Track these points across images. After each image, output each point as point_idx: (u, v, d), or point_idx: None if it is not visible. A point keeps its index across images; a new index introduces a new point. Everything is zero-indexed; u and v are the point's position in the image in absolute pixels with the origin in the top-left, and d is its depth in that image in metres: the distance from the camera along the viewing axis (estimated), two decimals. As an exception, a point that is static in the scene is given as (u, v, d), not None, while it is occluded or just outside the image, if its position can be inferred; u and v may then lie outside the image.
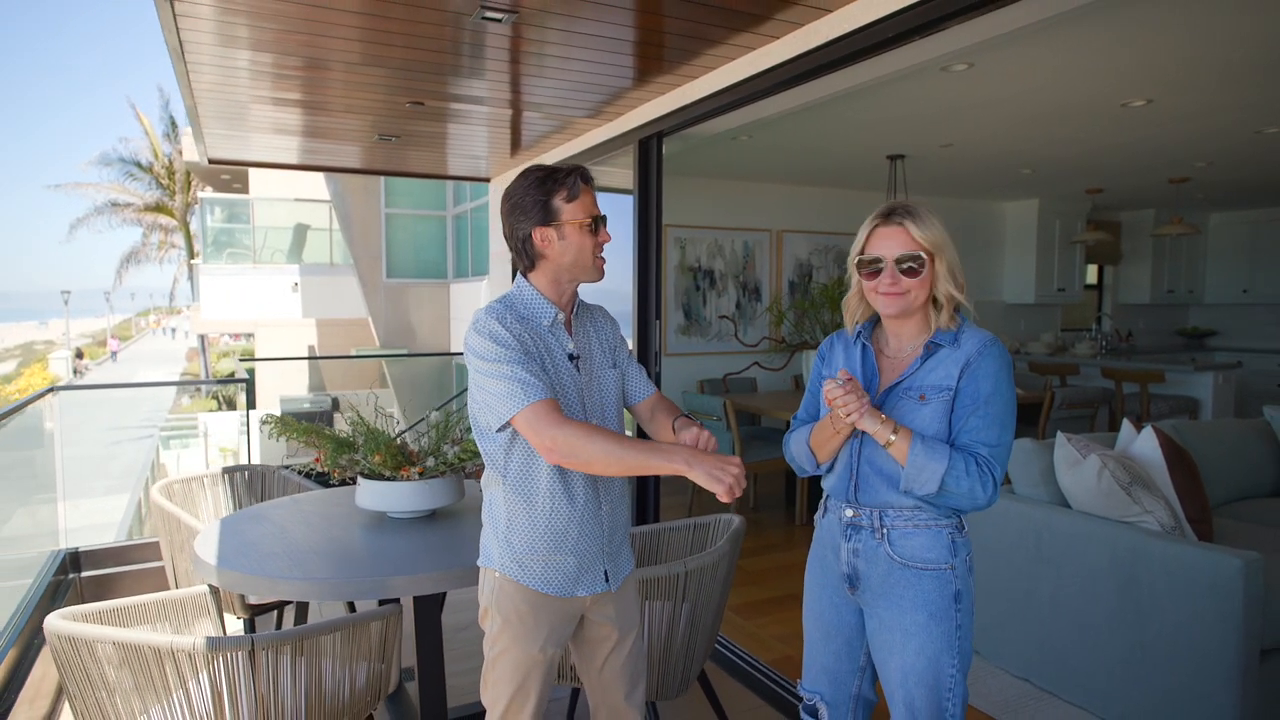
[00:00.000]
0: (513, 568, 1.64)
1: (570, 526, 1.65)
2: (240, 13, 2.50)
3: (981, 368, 1.57)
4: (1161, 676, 2.52)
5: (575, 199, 1.64)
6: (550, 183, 1.63)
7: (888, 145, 5.29)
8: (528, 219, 1.63)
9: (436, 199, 13.67)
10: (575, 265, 1.66)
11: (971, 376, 1.57)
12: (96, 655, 1.70)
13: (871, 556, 1.65)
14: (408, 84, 3.34)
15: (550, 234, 1.63)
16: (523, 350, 1.58)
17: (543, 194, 1.62)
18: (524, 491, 1.64)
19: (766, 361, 6.62)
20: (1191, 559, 2.47)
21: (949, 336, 1.62)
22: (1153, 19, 2.98)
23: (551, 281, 1.68)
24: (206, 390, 20.39)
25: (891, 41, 2.33)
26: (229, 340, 29.71)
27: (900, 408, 1.61)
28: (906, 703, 1.62)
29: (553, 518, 1.64)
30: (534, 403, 1.51)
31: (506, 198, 1.67)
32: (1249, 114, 4.37)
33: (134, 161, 22.90)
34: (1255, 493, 3.53)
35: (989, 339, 1.60)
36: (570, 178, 1.64)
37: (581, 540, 1.67)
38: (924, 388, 1.60)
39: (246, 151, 4.86)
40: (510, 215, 1.66)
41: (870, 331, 1.75)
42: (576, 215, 1.64)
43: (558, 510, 1.64)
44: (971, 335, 1.62)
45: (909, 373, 1.63)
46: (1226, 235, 8.93)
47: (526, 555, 1.64)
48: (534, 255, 1.65)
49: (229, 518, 2.54)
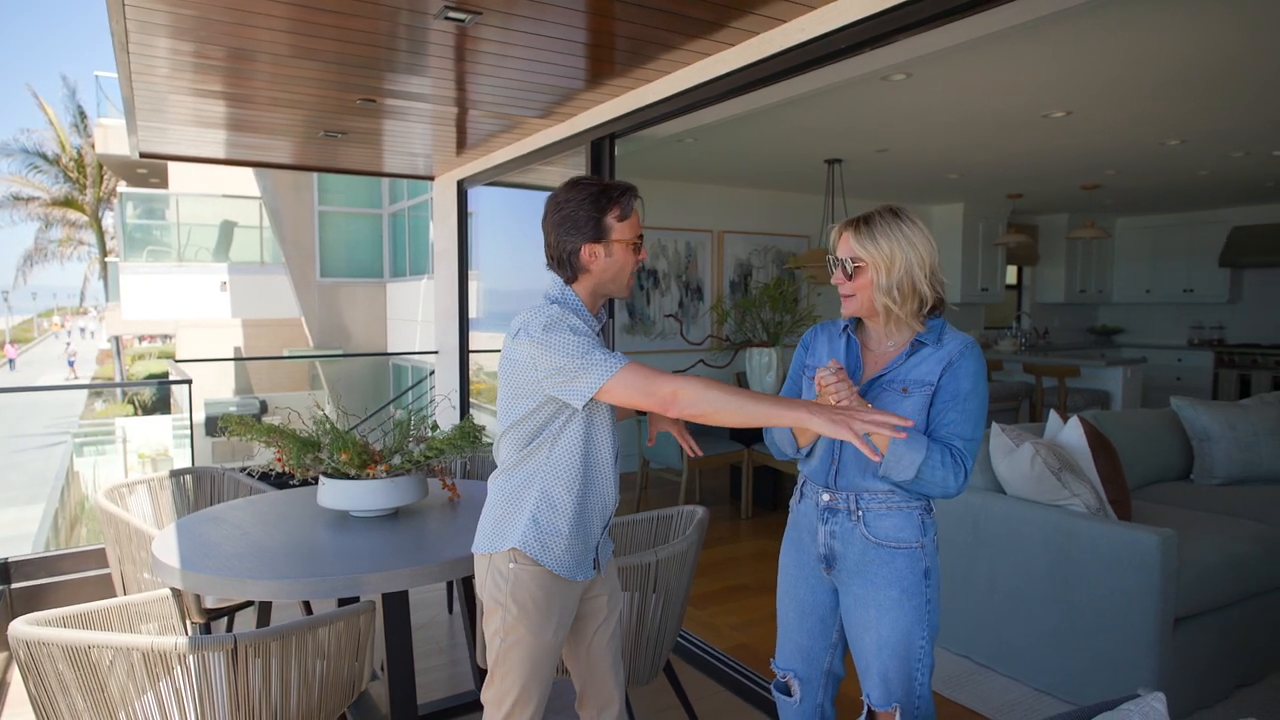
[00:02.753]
0: (535, 547, 1.67)
1: (594, 508, 1.71)
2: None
3: (963, 367, 1.70)
4: (1088, 646, 2.73)
5: (627, 218, 1.66)
6: (605, 200, 1.65)
7: (826, 150, 5.48)
8: (579, 234, 1.64)
9: (372, 196, 13.38)
10: (614, 281, 1.70)
11: (953, 374, 1.69)
12: (62, 660, 1.66)
13: (848, 537, 1.76)
14: (342, 78, 3.23)
15: (599, 250, 1.65)
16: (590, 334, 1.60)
17: (597, 211, 1.64)
18: (565, 472, 1.66)
19: (711, 359, 6.75)
20: (1115, 537, 2.68)
21: (932, 336, 1.74)
22: (1073, 38, 3.21)
23: (590, 294, 1.70)
24: (123, 394, 19.41)
25: (844, 52, 2.44)
26: (142, 343, 28.29)
27: (883, 399, 1.72)
28: (880, 673, 1.73)
29: (585, 498, 1.69)
30: (627, 365, 1.54)
31: (556, 208, 1.66)
32: (1155, 127, 4.71)
33: (38, 153, 21.60)
34: (1165, 476, 3.82)
35: (970, 341, 1.74)
36: (625, 196, 1.66)
37: (595, 523, 1.73)
38: (907, 381, 1.71)
39: (168, 144, 4.65)
40: (559, 227, 1.66)
41: (855, 325, 1.86)
42: (626, 235, 1.67)
43: (591, 491, 1.69)
44: (953, 337, 1.75)
45: (893, 366, 1.75)
46: (1132, 239, 9.54)
47: (552, 537, 1.68)
48: (578, 269, 1.67)
49: (184, 520, 2.49)
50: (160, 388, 13.50)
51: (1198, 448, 3.79)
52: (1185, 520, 3.08)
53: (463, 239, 5.52)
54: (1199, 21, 3.04)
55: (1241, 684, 2.90)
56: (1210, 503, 3.41)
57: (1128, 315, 9.94)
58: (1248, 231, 8.42)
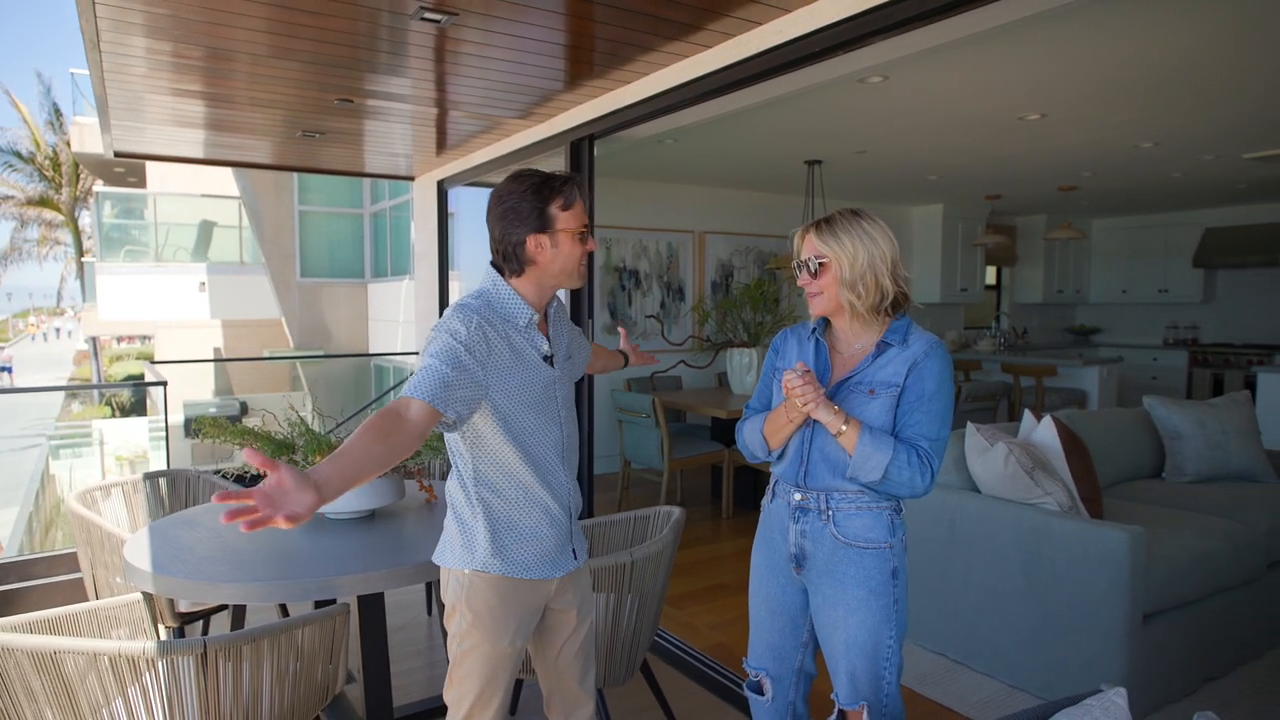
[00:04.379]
0: (493, 562, 1.66)
1: (545, 503, 1.70)
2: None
3: (928, 368, 1.71)
4: (1059, 642, 2.77)
5: (570, 208, 1.66)
6: (547, 190, 1.65)
7: (806, 151, 5.52)
8: (523, 225, 1.64)
9: (353, 196, 13.29)
10: (562, 272, 1.69)
11: (918, 375, 1.71)
12: (28, 666, 1.64)
13: (817, 537, 1.77)
14: (321, 79, 3.23)
15: (544, 241, 1.65)
16: (467, 357, 1.56)
17: (540, 201, 1.64)
18: (501, 470, 1.67)
19: (692, 360, 6.77)
20: (1085, 534, 2.71)
21: (898, 337, 1.75)
22: (1047, 43, 3.26)
23: (536, 286, 1.70)
24: (100, 395, 19.17)
25: (818, 55, 2.46)
26: (120, 344, 27.94)
27: (850, 400, 1.74)
28: (849, 672, 1.75)
29: (530, 495, 1.68)
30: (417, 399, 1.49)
31: (499, 201, 1.66)
32: (1128, 130, 4.78)
33: (12, 151, 21.28)
34: (1138, 474, 3.88)
35: (935, 342, 1.76)
36: (567, 186, 1.66)
37: (556, 517, 1.72)
38: (874, 383, 1.73)
39: (144, 144, 4.62)
40: (503, 219, 1.66)
41: (824, 328, 1.88)
42: (570, 224, 1.67)
43: (537, 486, 1.69)
44: (919, 337, 1.76)
45: (860, 368, 1.76)
46: (1109, 240, 9.67)
47: (509, 543, 1.67)
48: (524, 260, 1.66)
49: (158, 523, 2.46)
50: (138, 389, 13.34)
51: (1169, 446, 3.85)
52: (1156, 518, 3.13)
53: (443, 239, 5.50)
54: (1170, 28, 3.10)
55: (1210, 678, 2.95)
56: (1181, 500, 3.46)
57: (1105, 315, 10.07)
58: (1221, 233, 8.56)
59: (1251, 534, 3.08)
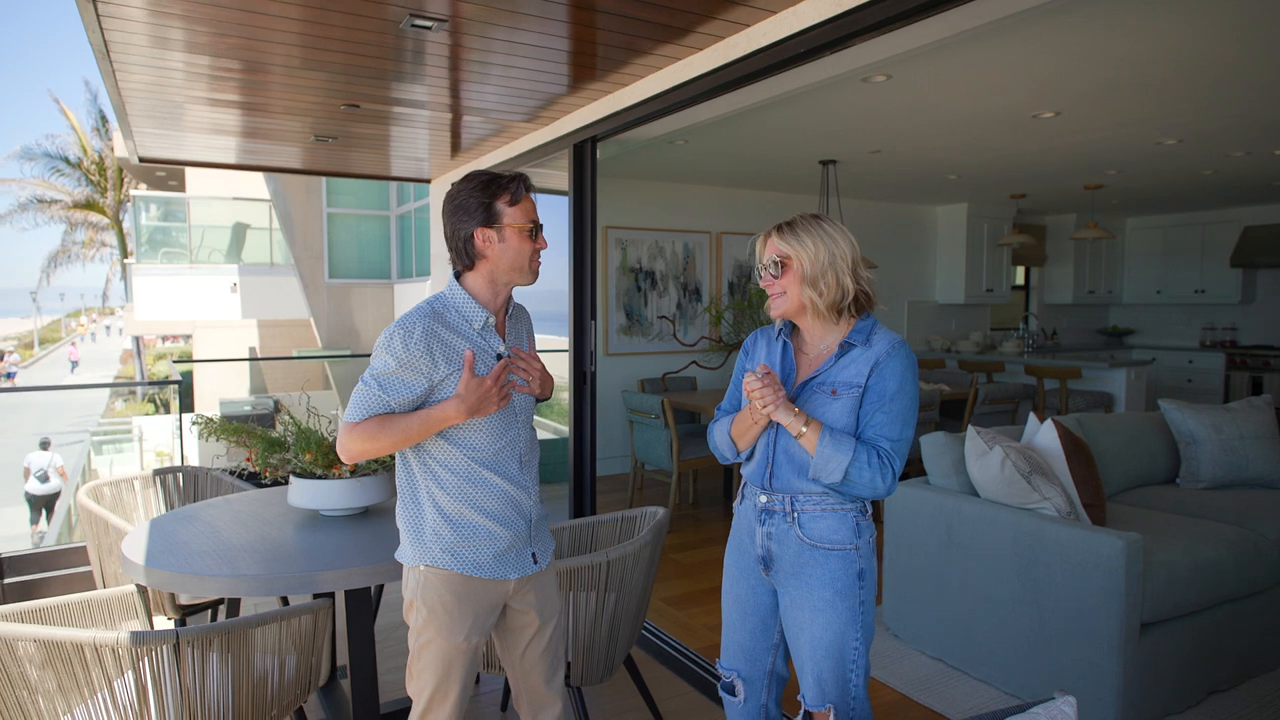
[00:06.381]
0: (444, 558, 1.70)
1: (496, 506, 1.73)
2: (173, 15, 2.50)
3: (889, 368, 1.70)
4: (1056, 650, 2.71)
5: (517, 204, 1.71)
6: (494, 186, 1.70)
7: (820, 151, 5.48)
8: (470, 219, 1.70)
9: (380, 199, 13.52)
10: (512, 268, 1.73)
11: (879, 375, 1.70)
12: (16, 654, 1.72)
13: (784, 539, 1.77)
14: (348, 88, 3.37)
15: (491, 235, 1.70)
16: (401, 374, 1.66)
17: (487, 196, 1.69)
18: (444, 474, 1.70)
19: (705, 361, 6.76)
20: (1081, 541, 2.66)
21: (861, 337, 1.75)
22: (1048, 38, 3.19)
23: (488, 282, 1.75)
24: (142, 393, 19.75)
25: (805, 56, 2.46)
26: (164, 343, 28.76)
27: (813, 401, 1.74)
28: (815, 674, 1.75)
29: (477, 499, 1.71)
30: (359, 424, 1.65)
31: (450, 199, 1.72)
32: (1148, 127, 4.66)
33: (61, 157, 22.03)
34: (1150, 480, 3.78)
35: (897, 341, 1.74)
36: (514, 183, 1.71)
37: (514, 517, 1.75)
38: (836, 383, 1.73)
39: (180, 150, 4.79)
40: (453, 215, 1.71)
41: (791, 330, 1.88)
42: (517, 219, 1.71)
43: (485, 490, 1.71)
44: (882, 337, 1.75)
45: (823, 369, 1.76)
46: (1142, 239, 9.42)
47: (458, 542, 1.70)
48: (474, 255, 1.72)
49: (159, 519, 2.54)
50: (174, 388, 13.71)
51: (1184, 451, 3.75)
52: (1162, 524, 3.06)
53: (457, 241, 5.57)
54: (1186, 22, 3.02)
55: (1216, 690, 2.87)
56: (1191, 506, 3.37)
57: (1139, 316, 9.81)
58: (1261, 231, 8.28)
59: (1262, 542, 2.99)
